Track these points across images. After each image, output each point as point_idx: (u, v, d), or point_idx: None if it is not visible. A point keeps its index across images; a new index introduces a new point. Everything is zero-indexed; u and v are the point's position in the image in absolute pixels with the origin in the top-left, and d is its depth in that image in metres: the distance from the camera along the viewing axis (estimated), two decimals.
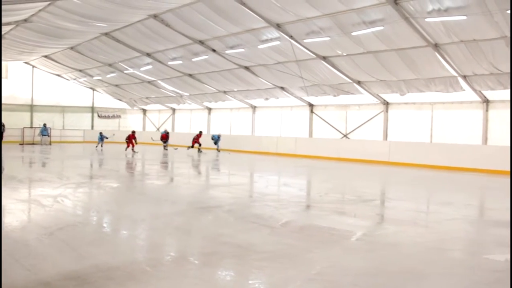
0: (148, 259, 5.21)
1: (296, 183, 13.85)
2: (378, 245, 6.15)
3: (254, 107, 29.68)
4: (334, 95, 22.72)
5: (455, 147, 18.89)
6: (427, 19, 14.24)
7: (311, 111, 25.96)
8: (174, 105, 35.84)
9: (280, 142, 25.79)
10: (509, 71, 15.88)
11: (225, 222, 7.38)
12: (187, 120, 35.77)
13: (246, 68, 23.02)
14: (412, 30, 14.97)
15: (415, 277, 4.78)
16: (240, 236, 6.35)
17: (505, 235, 6.88)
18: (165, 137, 28.58)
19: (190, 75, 26.64)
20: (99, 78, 32.86)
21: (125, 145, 25.43)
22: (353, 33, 16.27)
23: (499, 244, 6.42)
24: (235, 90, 27.16)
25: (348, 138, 23.78)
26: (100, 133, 28.91)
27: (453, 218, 8.25)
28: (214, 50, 21.48)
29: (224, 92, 28.07)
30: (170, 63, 24.93)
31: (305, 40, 17.94)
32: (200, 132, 27.13)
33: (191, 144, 26.45)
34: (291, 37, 17.88)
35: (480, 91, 18.19)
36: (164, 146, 28.54)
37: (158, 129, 38.11)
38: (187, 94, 30.94)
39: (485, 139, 18.88)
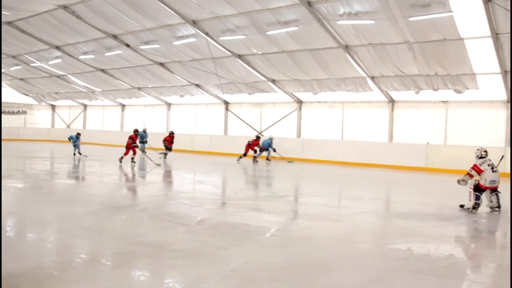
0: (56, 263, 4.97)
1: (211, 181, 13.86)
2: (291, 240, 6.33)
3: (169, 104, 29.26)
4: (249, 93, 22.99)
5: (364, 144, 19.83)
6: (338, 22, 14.81)
7: (227, 109, 26.07)
8: (85, 101, 34.39)
9: (196, 139, 25.64)
10: (411, 73, 16.96)
11: (139, 222, 7.23)
12: (100, 117, 34.52)
13: (161, 64, 22.64)
14: (324, 31, 15.49)
15: (327, 269, 4.98)
16: (154, 235, 6.25)
17: (407, 226, 7.38)
18: (169, 141, 20.85)
19: (103, 70, 25.71)
20: (2, 70, 30.74)
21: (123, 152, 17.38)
22: (268, 32, 16.54)
23: (401, 235, 6.86)
24: (150, 86, 26.61)
25: (263, 136, 24.13)
26: (78, 134, 20.64)
27: (362, 211, 8.67)
28: (128, 45, 20.91)
29: (138, 88, 27.40)
30: (81, 57, 23.88)
31: (221, 38, 17.97)
32: (258, 138, 21.04)
33: (243, 152, 20.30)
34: (207, 34, 17.83)
35: (386, 92, 19.25)
36: (165, 154, 20.45)
37: (68, 126, 36.44)
38: (100, 89, 29.82)
39: (390, 137, 20.02)
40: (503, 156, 9.43)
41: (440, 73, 16.43)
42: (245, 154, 20.24)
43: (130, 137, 17.23)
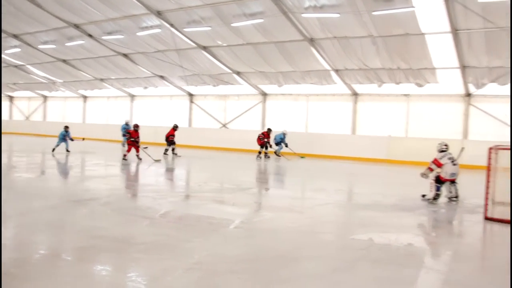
0: (14, 259, 4.80)
1: (175, 173, 13.76)
2: (255, 232, 6.36)
3: (132, 96, 28.80)
4: (214, 85, 22.90)
5: (328, 136, 20.08)
6: (303, 15, 14.88)
7: (191, 101, 25.86)
8: (45, 92, 33.45)
9: (159, 132, 25.27)
10: (375, 67, 17.23)
11: (101, 215, 7.11)
12: (61, 109, 33.65)
13: (125, 55, 22.25)
14: (290, 24, 15.54)
15: (290, 260, 5.02)
16: (117, 228, 6.18)
17: (369, 217, 7.54)
18: (172, 134, 19.39)
19: (64, 61, 25.05)
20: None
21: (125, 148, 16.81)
22: (233, 24, 16.47)
23: (363, 225, 6.99)
24: (113, 78, 26.10)
25: (227, 128, 24.11)
26: (66, 127, 18.73)
27: (325, 203, 8.79)
28: (90, 35, 20.43)
29: (101, 79, 26.86)
30: (41, 46, 23.18)
31: (185, 29, 17.79)
32: (269, 130, 19.32)
33: (262, 148, 18.89)
34: (171, 25, 17.61)
35: (350, 85, 19.50)
36: (173, 149, 19.00)
37: (27, 118, 35.42)
38: (61, 81, 29.05)
39: (353, 129, 20.31)
40: (463, 148, 9.71)
41: (402, 67, 16.75)
42: (261, 147, 18.77)
43: (128, 132, 16.25)
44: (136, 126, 16.39)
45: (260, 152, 18.76)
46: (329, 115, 21.21)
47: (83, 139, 19.79)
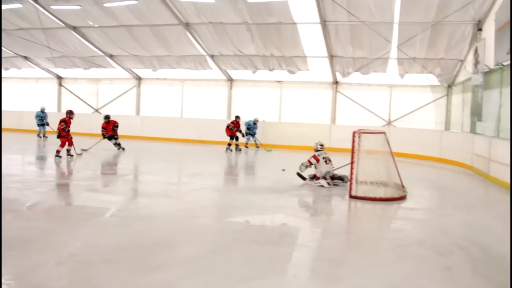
0: None
1: (42, 162, 12.89)
2: (131, 219, 6.22)
3: None
4: (85, 68, 21.79)
5: (203, 121, 20.20)
6: None
7: (60, 84, 24.31)
8: None
9: (24, 117, 23.50)
10: (249, 53, 17.65)
11: None
12: None
13: None
14: (165, 8, 15.24)
15: (167, 245, 5.00)
16: None
17: (244, 200, 7.78)
18: (107, 128, 16.33)
19: None
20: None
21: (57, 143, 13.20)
22: (106, 5, 15.72)
23: (239, 208, 7.20)
24: None
25: (100, 113, 23.12)
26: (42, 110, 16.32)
27: (201, 187, 8.87)
28: None
29: None
30: None
31: (52, 7, 16.57)
32: (237, 118, 17.36)
33: (232, 140, 16.99)
34: (35, 1, 16.30)
35: (225, 70, 19.75)
36: (117, 144, 16.34)
37: None
38: None
39: (229, 114, 20.63)
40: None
41: (276, 54, 17.37)
42: (231, 138, 16.91)
43: (63, 121, 12.89)
44: (71, 112, 13.32)
45: (229, 144, 16.98)
46: (204, 100, 21.32)
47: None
